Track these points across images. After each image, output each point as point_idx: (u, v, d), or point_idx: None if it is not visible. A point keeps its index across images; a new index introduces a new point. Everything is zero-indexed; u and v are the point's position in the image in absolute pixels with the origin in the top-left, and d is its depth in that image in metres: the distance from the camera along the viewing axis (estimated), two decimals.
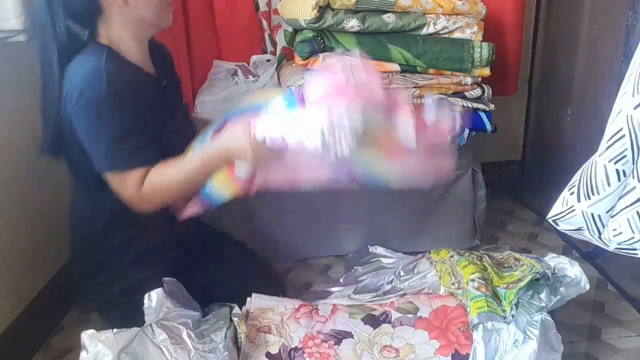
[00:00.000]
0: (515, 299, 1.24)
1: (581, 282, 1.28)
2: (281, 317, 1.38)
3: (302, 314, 1.39)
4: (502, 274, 1.37)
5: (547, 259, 1.36)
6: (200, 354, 1.19)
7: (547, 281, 1.30)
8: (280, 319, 1.37)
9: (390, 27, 1.71)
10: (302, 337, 1.32)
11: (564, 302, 1.30)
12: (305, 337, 1.32)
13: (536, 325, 1.21)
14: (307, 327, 1.35)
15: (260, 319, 1.37)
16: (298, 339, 1.31)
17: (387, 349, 1.29)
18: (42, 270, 1.81)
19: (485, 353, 1.19)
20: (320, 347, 1.29)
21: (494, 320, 1.22)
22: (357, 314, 1.39)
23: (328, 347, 1.29)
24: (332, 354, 1.27)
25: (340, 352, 1.28)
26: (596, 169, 1.09)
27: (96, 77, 1.22)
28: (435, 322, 1.34)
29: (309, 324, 1.36)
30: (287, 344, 1.30)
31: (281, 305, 1.42)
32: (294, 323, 1.36)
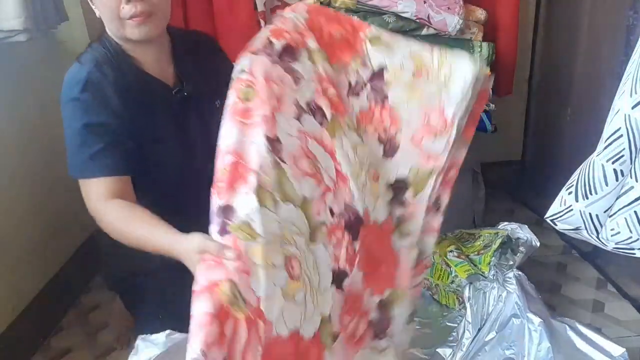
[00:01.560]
0: (492, 259, 1.40)
1: (532, 241, 1.48)
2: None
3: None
4: (466, 246, 1.52)
5: (501, 227, 1.53)
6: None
7: (508, 244, 1.47)
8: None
9: (390, 27, 1.71)
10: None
11: (525, 259, 1.48)
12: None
13: (512, 281, 1.36)
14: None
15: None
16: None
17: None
18: (42, 270, 1.81)
19: (476, 309, 1.33)
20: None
21: (480, 280, 1.39)
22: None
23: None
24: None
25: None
26: (594, 169, 1.09)
27: (75, 81, 1.23)
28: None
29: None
30: None
31: None
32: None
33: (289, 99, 1.17)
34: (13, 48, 1.64)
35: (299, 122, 1.16)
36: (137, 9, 1.21)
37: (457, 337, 1.34)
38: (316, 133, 1.17)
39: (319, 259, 1.11)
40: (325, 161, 1.17)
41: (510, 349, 1.28)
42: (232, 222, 1.02)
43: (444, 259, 1.46)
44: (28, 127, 1.44)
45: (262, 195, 1.05)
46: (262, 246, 1.01)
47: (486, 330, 1.31)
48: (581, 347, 1.26)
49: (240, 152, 1.09)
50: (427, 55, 1.24)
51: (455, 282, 1.43)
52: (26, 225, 1.71)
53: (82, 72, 1.24)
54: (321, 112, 1.20)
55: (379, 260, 1.19)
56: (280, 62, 1.19)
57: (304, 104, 1.18)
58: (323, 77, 1.22)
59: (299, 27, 1.23)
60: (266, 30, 1.23)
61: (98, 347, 1.72)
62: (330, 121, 1.19)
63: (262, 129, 1.11)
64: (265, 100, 1.13)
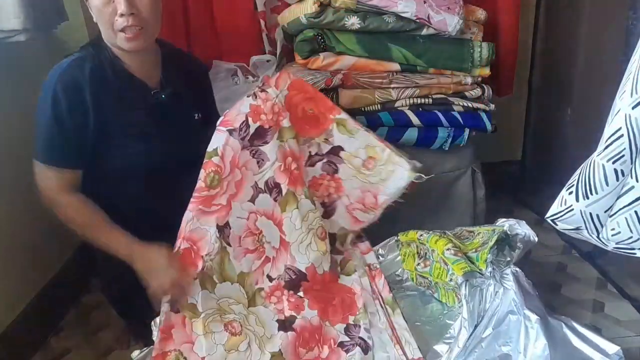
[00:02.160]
0: (489, 256, 1.39)
1: (530, 236, 1.45)
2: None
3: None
4: (465, 244, 1.53)
5: (498, 224, 1.52)
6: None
7: (506, 240, 1.46)
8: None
9: (390, 27, 1.71)
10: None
11: (522, 255, 1.46)
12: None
13: (509, 277, 1.36)
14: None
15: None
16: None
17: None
18: (42, 270, 1.81)
19: (472, 306, 1.33)
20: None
21: (476, 278, 1.38)
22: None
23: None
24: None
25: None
26: (594, 169, 1.09)
27: (52, 73, 1.36)
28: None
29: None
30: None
31: None
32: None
33: (248, 184, 1.43)
34: (13, 48, 1.64)
35: (253, 203, 1.43)
36: (129, 22, 1.33)
37: (454, 333, 1.34)
38: (268, 209, 1.44)
39: (261, 316, 1.40)
40: (271, 234, 1.44)
41: (507, 345, 1.29)
42: (181, 300, 1.34)
43: (442, 257, 1.46)
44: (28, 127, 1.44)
45: (204, 281, 1.36)
46: (202, 320, 1.34)
47: (483, 326, 1.31)
48: (577, 345, 1.27)
49: (195, 239, 1.37)
50: (379, 152, 1.51)
51: (454, 280, 1.43)
52: (26, 225, 1.71)
53: (63, 66, 1.36)
54: (278, 188, 1.45)
55: (331, 297, 1.44)
56: (250, 147, 1.43)
57: (263, 184, 1.44)
58: (287, 153, 1.46)
59: (277, 108, 1.46)
60: (247, 106, 1.44)
61: (98, 347, 1.72)
62: (284, 196, 1.44)
63: (215, 218, 1.38)
64: (226, 188, 1.40)
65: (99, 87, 1.36)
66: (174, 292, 1.31)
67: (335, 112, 1.52)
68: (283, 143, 1.45)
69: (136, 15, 1.33)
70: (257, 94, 1.45)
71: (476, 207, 1.99)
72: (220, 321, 1.36)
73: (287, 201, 1.44)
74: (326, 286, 1.45)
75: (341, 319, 1.42)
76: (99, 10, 1.33)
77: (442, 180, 1.92)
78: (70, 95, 1.34)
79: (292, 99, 1.48)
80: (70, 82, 1.34)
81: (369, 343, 1.38)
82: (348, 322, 1.42)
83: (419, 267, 1.55)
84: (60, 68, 1.36)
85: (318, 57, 1.73)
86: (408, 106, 1.80)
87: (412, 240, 1.60)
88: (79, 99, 1.34)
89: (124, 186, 1.42)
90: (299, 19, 1.73)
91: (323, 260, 1.45)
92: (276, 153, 1.44)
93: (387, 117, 1.79)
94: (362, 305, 1.43)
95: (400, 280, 1.58)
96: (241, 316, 1.38)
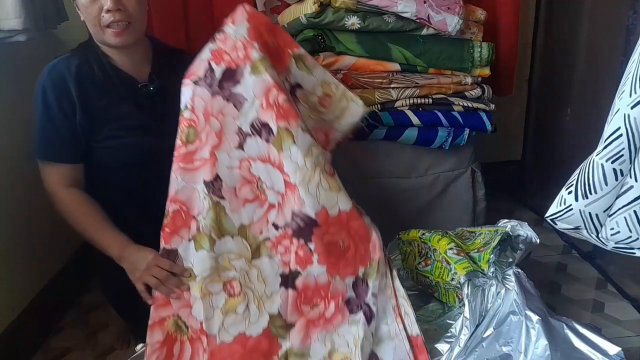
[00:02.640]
0: (491, 257, 1.40)
1: (532, 238, 1.46)
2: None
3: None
4: (466, 244, 1.53)
5: (500, 225, 1.52)
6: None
7: (508, 241, 1.48)
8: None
9: (390, 27, 1.72)
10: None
11: (524, 256, 1.48)
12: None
13: (510, 278, 1.38)
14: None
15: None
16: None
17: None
18: (42, 270, 1.81)
19: (474, 306, 1.34)
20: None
21: (479, 278, 1.39)
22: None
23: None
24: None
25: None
26: (594, 168, 1.09)
27: (43, 74, 1.40)
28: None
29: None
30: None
31: None
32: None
33: (230, 130, 1.32)
34: (13, 48, 1.64)
35: (242, 149, 1.33)
36: (116, 17, 1.36)
37: (455, 333, 1.34)
38: (262, 153, 1.33)
39: (265, 270, 1.34)
40: (270, 178, 1.33)
41: (508, 345, 1.29)
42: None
43: (444, 256, 1.46)
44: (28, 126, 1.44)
45: (200, 240, 1.31)
46: (199, 283, 1.30)
47: (484, 326, 1.32)
48: (578, 346, 1.28)
49: (183, 199, 1.31)
50: (334, 89, 1.47)
51: (455, 280, 1.43)
52: (26, 225, 1.71)
53: (51, 64, 1.41)
54: (267, 128, 1.32)
55: (345, 248, 1.34)
56: (221, 91, 1.32)
57: (248, 127, 1.32)
58: (269, 86, 1.31)
59: (240, 43, 1.33)
60: (207, 52, 1.35)
61: (98, 347, 1.72)
62: (277, 134, 1.31)
63: (201, 173, 1.31)
64: (205, 140, 1.31)
65: (85, 82, 1.39)
66: (162, 288, 1.32)
67: (293, 47, 1.44)
68: (260, 76, 1.31)
69: (122, 11, 1.36)
70: (215, 37, 1.36)
71: (476, 207, 2.00)
72: (218, 281, 1.32)
73: (281, 139, 1.31)
74: (344, 227, 1.33)
75: (352, 272, 1.34)
76: (85, 8, 1.36)
77: (442, 180, 1.92)
78: (58, 91, 1.38)
79: (255, 30, 1.36)
80: (57, 78, 1.38)
81: (373, 311, 1.32)
82: (357, 275, 1.34)
83: (419, 266, 1.55)
84: (48, 67, 1.40)
85: (318, 57, 1.73)
86: (408, 106, 1.80)
87: (413, 239, 1.60)
88: (65, 94, 1.38)
89: (114, 178, 1.45)
90: (299, 19, 1.74)
91: (339, 199, 1.33)
92: (252, 90, 1.31)
93: (387, 117, 1.79)
94: (377, 259, 1.35)
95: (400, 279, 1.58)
96: (242, 272, 1.33)
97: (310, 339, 1.34)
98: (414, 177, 1.90)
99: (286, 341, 1.33)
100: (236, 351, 1.30)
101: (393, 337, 1.32)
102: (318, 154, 1.31)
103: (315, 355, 1.33)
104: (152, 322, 1.30)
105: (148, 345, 1.30)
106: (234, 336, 1.31)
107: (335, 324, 1.34)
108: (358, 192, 1.74)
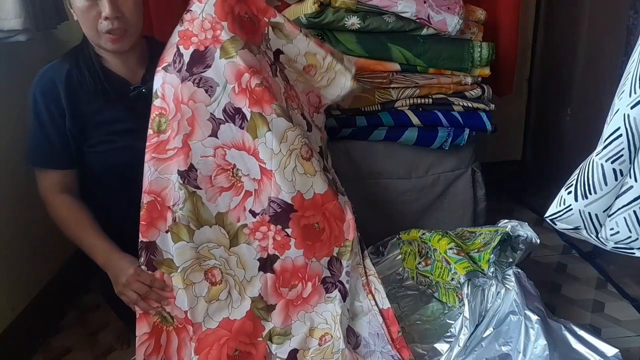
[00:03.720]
0: (491, 257, 1.41)
1: (532, 238, 1.46)
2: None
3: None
4: (466, 244, 1.53)
5: (501, 225, 1.53)
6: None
7: (508, 241, 1.48)
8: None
9: (390, 27, 1.72)
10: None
11: (524, 256, 1.48)
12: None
13: (510, 278, 1.39)
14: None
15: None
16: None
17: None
18: (42, 270, 1.81)
19: (474, 306, 1.35)
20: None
21: (479, 277, 1.40)
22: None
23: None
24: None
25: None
26: (593, 168, 1.09)
27: (35, 79, 1.39)
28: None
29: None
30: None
31: None
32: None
33: (202, 118, 1.30)
34: (13, 48, 1.64)
35: (216, 137, 1.31)
36: (114, 25, 1.34)
37: (455, 332, 1.35)
38: (236, 140, 1.31)
39: (243, 256, 1.35)
40: (246, 165, 1.33)
41: (507, 345, 1.29)
42: (156, 257, 1.31)
43: (444, 256, 1.46)
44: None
45: (177, 232, 1.30)
46: (180, 274, 1.31)
47: (484, 326, 1.33)
48: (576, 347, 1.29)
49: (157, 190, 1.29)
50: (320, 59, 1.45)
51: (455, 279, 1.43)
52: (26, 226, 1.71)
53: (42, 71, 1.41)
54: (240, 113, 1.30)
55: (320, 230, 1.38)
56: (191, 77, 1.30)
57: (221, 114, 1.31)
58: (241, 69, 1.29)
59: (207, 23, 1.30)
60: (176, 35, 1.34)
61: (98, 347, 1.72)
62: (250, 120, 1.30)
63: (175, 163, 1.29)
64: (177, 129, 1.29)
65: (74, 88, 1.39)
66: (141, 304, 1.33)
67: (269, 14, 1.41)
68: (231, 59, 1.29)
69: (120, 18, 1.34)
70: (182, 18, 1.33)
71: (476, 207, 2.00)
72: (199, 270, 1.33)
73: (255, 125, 1.30)
74: (319, 209, 1.38)
75: (327, 252, 1.39)
76: (82, 13, 1.34)
77: (443, 181, 1.92)
78: (47, 98, 1.38)
79: (223, 6, 1.31)
80: (46, 84, 1.38)
81: (347, 288, 1.38)
82: (332, 255, 1.39)
83: (419, 265, 1.55)
84: (39, 73, 1.41)
85: None
86: (408, 106, 1.80)
87: (413, 238, 1.60)
88: (54, 101, 1.38)
89: (108, 181, 1.45)
90: (299, 19, 1.74)
91: (314, 183, 1.35)
92: (224, 74, 1.29)
93: (387, 117, 1.79)
94: (351, 239, 1.40)
95: (400, 279, 1.58)
96: (222, 260, 1.35)
97: (290, 318, 1.38)
98: (414, 178, 1.90)
99: (268, 323, 1.37)
100: (222, 335, 1.33)
101: (366, 312, 1.37)
102: (294, 137, 1.32)
103: (297, 333, 1.37)
104: (138, 315, 1.32)
105: (137, 337, 1.31)
106: (219, 322, 1.34)
107: (312, 303, 1.39)
108: (358, 193, 1.74)
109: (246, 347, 1.34)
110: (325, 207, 1.38)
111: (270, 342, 1.36)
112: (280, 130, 1.31)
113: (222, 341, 1.32)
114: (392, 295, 1.52)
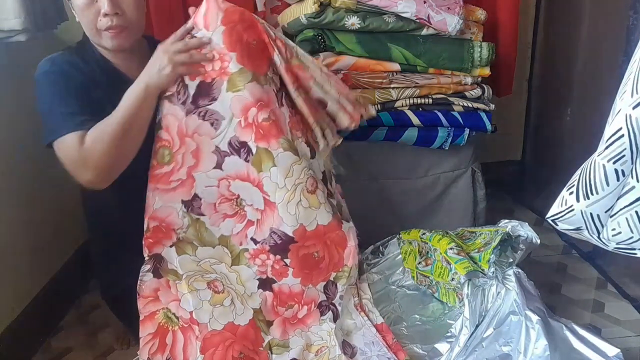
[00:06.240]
0: (492, 257, 1.40)
1: (532, 238, 1.44)
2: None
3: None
4: (467, 244, 1.53)
5: (501, 225, 1.51)
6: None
7: (508, 241, 1.47)
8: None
9: (390, 27, 1.72)
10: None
11: (524, 256, 1.47)
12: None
13: (511, 278, 1.38)
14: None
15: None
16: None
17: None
18: (42, 270, 1.81)
19: (474, 306, 1.34)
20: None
21: (479, 277, 1.39)
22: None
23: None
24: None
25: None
26: (595, 169, 1.09)
27: (45, 60, 1.35)
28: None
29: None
30: None
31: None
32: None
33: (207, 151, 1.28)
34: (13, 48, 1.64)
35: (220, 169, 1.30)
36: (113, 22, 1.33)
37: (455, 332, 1.35)
38: (240, 172, 1.30)
39: (243, 276, 1.37)
40: (250, 196, 1.32)
41: (508, 345, 1.29)
42: (162, 267, 1.33)
43: (444, 256, 1.46)
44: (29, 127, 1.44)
45: (182, 247, 1.33)
46: (185, 281, 1.33)
47: (484, 326, 1.32)
48: (577, 347, 1.28)
49: (162, 217, 1.30)
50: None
51: (456, 279, 1.43)
52: (26, 226, 1.71)
53: (53, 55, 1.37)
54: (246, 147, 1.29)
55: (320, 259, 1.39)
56: (196, 109, 1.27)
57: (226, 146, 1.29)
58: (248, 104, 1.26)
59: (215, 53, 1.26)
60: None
61: (98, 347, 1.72)
62: (256, 154, 1.29)
63: (179, 194, 1.30)
64: (182, 162, 1.28)
65: (84, 73, 1.36)
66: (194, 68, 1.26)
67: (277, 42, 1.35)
68: (238, 93, 1.26)
69: (120, 15, 1.33)
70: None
71: (476, 207, 2.00)
72: (202, 281, 1.35)
73: (260, 160, 1.28)
74: (321, 239, 1.37)
75: (323, 278, 1.40)
76: (82, 11, 1.33)
77: (443, 181, 1.92)
78: (65, 75, 1.32)
79: (231, 35, 1.26)
80: (62, 63, 1.34)
81: (339, 310, 1.40)
82: (329, 280, 1.40)
83: (420, 265, 1.55)
84: (48, 58, 1.36)
85: (318, 57, 1.73)
86: (408, 106, 1.80)
87: (414, 238, 1.60)
88: (71, 78, 1.33)
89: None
90: (299, 19, 1.73)
91: (317, 215, 1.34)
92: (231, 108, 1.26)
93: (387, 117, 1.79)
94: (350, 266, 1.41)
95: (400, 279, 1.58)
96: (222, 275, 1.36)
97: (288, 334, 1.40)
98: (414, 178, 1.90)
99: (267, 335, 1.39)
100: (228, 338, 1.33)
101: (360, 327, 1.39)
102: (300, 170, 1.30)
103: (295, 346, 1.39)
104: (142, 318, 1.31)
105: (141, 338, 1.31)
106: (224, 325, 1.34)
107: (308, 324, 1.41)
108: (359, 193, 1.74)
109: (250, 352, 1.34)
110: (328, 236, 1.38)
111: (270, 353, 1.37)
112: (286, 164, 1.29)
113: (227, 343, 1.33)
114: (392, 295, 1.52)
